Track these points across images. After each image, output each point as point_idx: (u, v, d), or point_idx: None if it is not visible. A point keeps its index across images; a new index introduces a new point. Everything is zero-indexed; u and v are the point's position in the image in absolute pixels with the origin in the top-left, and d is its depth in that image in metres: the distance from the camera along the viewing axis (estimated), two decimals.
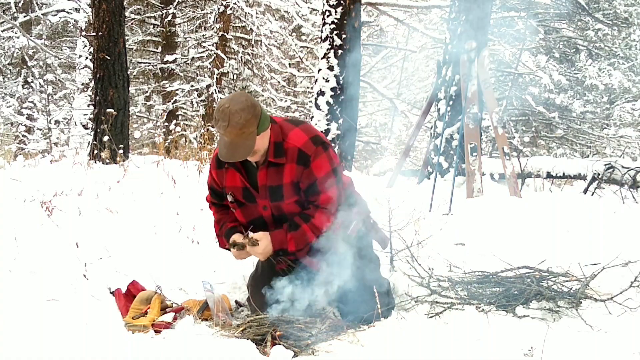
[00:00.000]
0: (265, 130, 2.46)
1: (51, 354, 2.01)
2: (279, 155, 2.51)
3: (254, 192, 2.60)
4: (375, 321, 2.56)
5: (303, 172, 2.51)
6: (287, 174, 2.53)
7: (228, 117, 2.36)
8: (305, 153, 2.50)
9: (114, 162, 5.65)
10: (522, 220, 4.12)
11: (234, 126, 2.36)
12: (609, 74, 14.11)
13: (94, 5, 6.08)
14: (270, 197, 2.57)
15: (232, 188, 2.64)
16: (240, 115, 2.36)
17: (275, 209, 2.60)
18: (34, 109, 13.58)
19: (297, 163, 2.51)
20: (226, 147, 2.41)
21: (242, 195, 2.63)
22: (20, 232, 3.24)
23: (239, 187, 2.63)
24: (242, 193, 2.63)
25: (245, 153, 2.41)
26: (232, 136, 2.38)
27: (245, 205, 2.65)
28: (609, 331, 2.31)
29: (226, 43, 14.24)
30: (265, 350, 2.23)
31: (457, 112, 6.09)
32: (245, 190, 2.62)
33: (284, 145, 2.51)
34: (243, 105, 2.38)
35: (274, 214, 2.61)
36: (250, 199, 2.63)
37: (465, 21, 6.29)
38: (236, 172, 2.61)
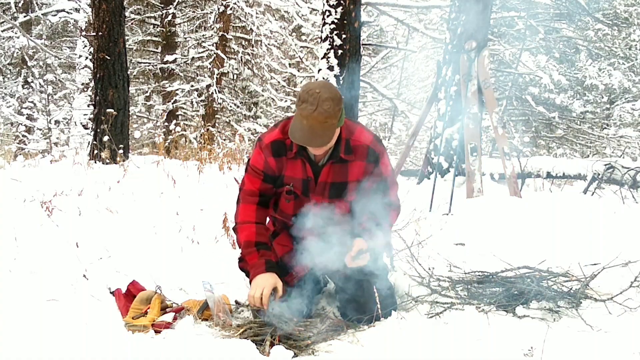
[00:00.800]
0: (340, 126, 2.45)
1: (51, 354, 2.01)
2: (348, 152, 2.51)
3: (312, 186, 2.57)
4: (375, 321, 2.56)
5: (373, 170, 2.54)
6: (354, 171, 2.53)
7: (317, 102, 2.31)
8: (375, 151, 2.53)
9: (114, 162, 5.65)
10: (522, 220, 4.12)
11: (321, 113, 2.31)
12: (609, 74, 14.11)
13: (94, 5, 6.08)
14: (329, 193, 2.56)
15: (292, 178, 2.59)
16: (329, 104, 2.32)
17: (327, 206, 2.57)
18: (34, 109, 13.58)
19: (367, 161, 2.53)
20: (304, 132, 2.34)
21: (301, 187, 2.59)
22: (20, 232, 3.24)
23: (299, 178, 2.57)
24: (301, 185, 2.58)
25: (324, 142, 2.37)
26: (315, 122, 2.33)
27: (300, 198, 2.61)
28: (609, 331, 2.32)
29: (226, 43, 14.25)
30: (265, 350, 2.23)
31: (457, 112, 6.09)
32: (305, 183, 2.57)
33: (351, 142, 2.52)
34: (334, 95, 2.35)
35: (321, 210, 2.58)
36: (306, 192, 2.59)
37: (465, 21, 6.29)
38: (300, 163, 2.55)
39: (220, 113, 14.90)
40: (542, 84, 12.60)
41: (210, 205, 4.29)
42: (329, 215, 2.57)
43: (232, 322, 2.55)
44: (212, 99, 13.80)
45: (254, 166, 2.62)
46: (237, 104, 14.93)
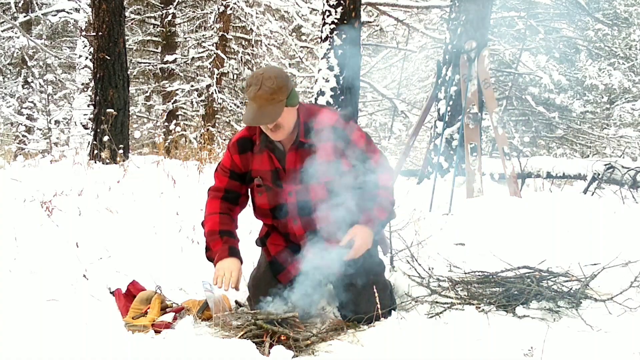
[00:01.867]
0: (293, 106, 2.48)
1: (51, 354, 2.01)
2: (308, 135, 2.53)
3: (282, 175, 2.57)
4: (375, 321, 2.56)
5: (346, 147, 2.53)
6: (321, 153, 2.53)
7: (261, 81, 2.40)
8: (340, 129, 2.54)
9: (114, 162, 5.65)
10: (522, 220, 4.12)
11: (265, 90, 2.38)
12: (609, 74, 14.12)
13: (94, 5, 6.08)
14: (300, 179, 2.54)
15: (260, 172, 2.61)
16: (272, 81, 2.40)
17: (302, 194, 2.56)
18: (34, 109, 13.58)
19: (334, 140, 2.53)
20: (253, 112, 2.41)
21: (271, 179, 2.60)
22: (20, 232, 3.24)
23: (268, 170, 2.59)
24: (271, 177, 2.60)
25: (272, 119, 2.41)
26: (262, 101, 2.39)
27: (272, 190, 2.61)
28: (609, 331, 2.31)
29: (226, 43, 14.25)
30: (265, 350, 2.23)
31: (457, 112, 6.09)
32: (275, 174, 2.59)
33: (314, 125, 2.54)
34: (277, 74, 2.43)
35: (299, 200, 2.57)
36: (278, 183, 2.59)
37: (465, 21, 6.29)
38: (266, 155, 2.58)
39: (220, 113, 14.90)
40: (542, 84, 12.60)
41: None
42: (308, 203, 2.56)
43: (232, 322, 2.55)
44: (212, 99, 13.80)
45: (222, 165, 2.70)
46: (237, 104, 14.93)
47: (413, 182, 6.74)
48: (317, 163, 2.52)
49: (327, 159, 2.53)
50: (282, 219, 2.65)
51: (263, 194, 2.64)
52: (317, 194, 2.55)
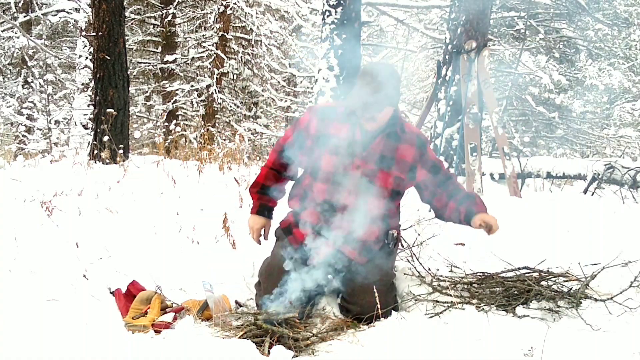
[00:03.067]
0: (394, 106, 2.66)
1: (51, 354, 2.01)
2: (402, 132, 2.72)
3: (359, 148, 2.67)
4: (375, 321, 2.56)
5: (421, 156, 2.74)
6: (401, 151, 2.70)
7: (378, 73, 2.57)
8: (422, 141, 2.78)
9: (114, 162, 5.65)
10: (522, 220, 4.12)
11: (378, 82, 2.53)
12: (609, 74, 14.12)
13: (94, 5, 6.08)
14: (377, 162, 2.67)
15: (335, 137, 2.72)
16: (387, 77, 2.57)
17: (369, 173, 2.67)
18: (34, 109, 13.58)
19: (416, 147, 2.73)
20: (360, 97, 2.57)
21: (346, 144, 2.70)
22: (20, 232, 3.24)
23: (345, 136, 2.70)
24: (345, 142, 2.70)
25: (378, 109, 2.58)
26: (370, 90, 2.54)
27: (340, 155, 2.69)
28: (609, 331, 2.31)
29: (226, 43, 14.25)
30: (265, 350, 2.23)
31: (457, 112, 6.09)
32: (350, 144, 2.68)
33: (406, 126, 2.77)
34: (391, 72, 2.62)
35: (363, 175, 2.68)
36: (345, 152, 2.68)
37: (465, 21, 6.29)
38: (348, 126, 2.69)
39: (220, 113, 14.90)
40: (542, 84, 12.60)
41: (210, 205, 4.29)
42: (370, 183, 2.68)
43: (232, 322, 2.55)
44: (212, 99, 13.80)
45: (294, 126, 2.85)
46: (237, 104, 14.93)
47: None
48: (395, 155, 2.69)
49: (405, 158, 2.71)
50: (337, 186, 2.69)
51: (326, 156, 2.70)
52: (384, 178, 2.68)
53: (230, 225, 3.67)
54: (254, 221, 2.91)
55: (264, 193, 2.90)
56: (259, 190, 2.90)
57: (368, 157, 2.69)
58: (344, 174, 2.69)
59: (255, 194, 2.91)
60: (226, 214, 3.68)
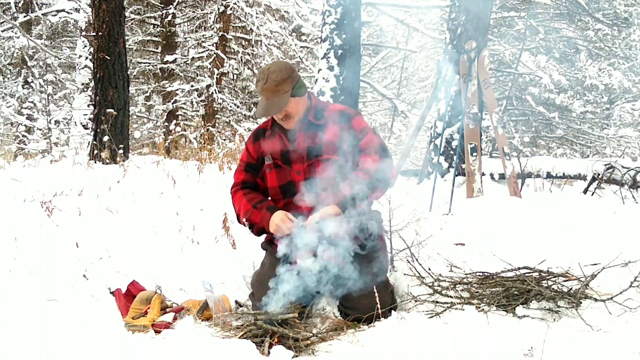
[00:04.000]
0: (301, 96, 2.69)
1: (51, 354, 2.01)
2: (319, 117, 2.74)
3: (292, 154, 2.74)
4: (375, 321, 2.56)
5: (344, 129, 2.69)
6: (327, 134, 2.70)
7: (267, 75, 2.63)
8: (346, 113, 2.76)
9: (114, 162, 5.65)
10: (522, 220, 4.12)
11: (270, 83, 2.61)
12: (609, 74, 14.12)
13: (94, 5, 6.08)
14: (307, 156, 2.71)
15: (271, 151, 2.80)
16: (277, 74, 2.62)
17: (308, 171, 2.70)
18: (34, 109, 13.57)
19: (338, 122, 2.71)
20: (262, 105, 2.65)
21: (281, 157, 2.78)
22: (20, 232, 3.24)
23: (278, 150, 2.78)
24: (280, 156, 2.78)
25: (278, 109, 2.63)
26: (268, 94, 2.62)
27: (282, 168, 2.78)
28: (609, 331, 2.31)
29: (226, 43, 14.24)
30: (265, 350, 2.23)
31: (457, 112, 6.09)
32: (284, 154, 2.77)
33: (325, 110, 2.77)
34: (282, 67, 2.66)
35: (307, 177, 2.71)
36: (287, 162, 2.76)
37: (465, 21, 6.29)
38: (277, 137, 2.78)
39: (220, 113, 14.90)
40: (542, 84, 12.60)
41: (210, 205, 4.29)
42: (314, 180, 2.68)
43: (232, 322, 2.55)
44: (212, 99, 13.79)
45: (240, 160, 2.97)
46: (237, 104, 14.92)
47: (413, 182, 6.74)
48: (321, 141, 2.70)
49: (330, 138, 2.68)
50: (292, 197, 2.75)
51: (272, 171, 2.81)
52: (324, 169, 2.68)
53: (230, 225, 3.67)
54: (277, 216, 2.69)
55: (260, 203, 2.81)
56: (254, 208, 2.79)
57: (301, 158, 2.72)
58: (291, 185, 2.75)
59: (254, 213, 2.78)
60: (226, 214, 3.68)
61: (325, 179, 2.66)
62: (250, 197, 2.86)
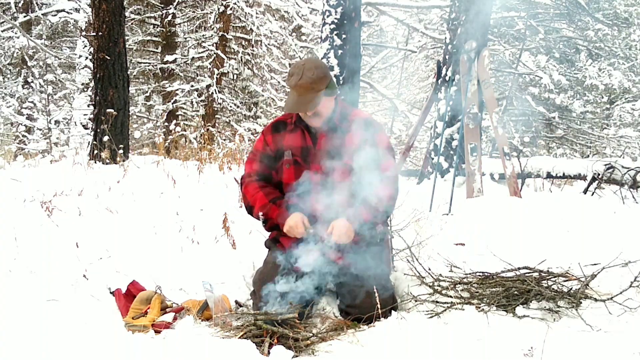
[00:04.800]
0: (331, 96, 2.66)
1: (51, 354, 2.01)
2: (344, 121, 2.71)
3: (312, 153, 2.71)
4: (375, 321, 2.56)
5: (367, 140, 2.65)
6: (349, 139, 2.67)
7: (302, 71, 2.58)
8: (372, 123, 2.72)
9: (114, 162, 5.64)
10: (522, 220, 4.12)
11: (305, 80, 2.56)
12: (609, 74, 14.11)
13: (94, 5, 6.08)
14: (327, 159, 2.68)
15: (291, 147, 2.75)
16: (313, 72, 2.58)
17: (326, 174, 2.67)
18: (34, 109, 13.57)
19: (362, 130, 2.68)
20: (293, 100, 2.60)
21: (301, 154, 2.74)
22: (20, 232, 3.24)
23: (299, 146, 2.74)
24: (301, 152, 2.74)
25: (311, 107, 2.59)
26: (302, 90, 2.58)
27: (300, 165, 2.74)
28: (609, 331, 2.31)
29: (226, 43, 14.24)
30: (265, 350, 2.23)
31: (457, 112, 6.08)
32: (305, 150, 2.73)
33: (350, 115, 2.74)
34: (317, 64, 2.62)
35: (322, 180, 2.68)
36: (306, 159, 2.73)
37: (465, 21, 6.29)
38: (299, 133, 2.74)
39: (220, 113, 14.89)
40: (542, 84, 12.60)
41: (210, 205, 4.29)
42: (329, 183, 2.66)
43: (232, 322, 2.55)
44: (212, 99, 13.79)
45: (254, 149, 2.86)
46: (237, 104, 14.92)
47: (413, 182, 6.74)
48: (343, 145, 2.67)
49: (352, 145, 2.66)
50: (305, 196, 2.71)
51: (291, 167, 2.76)
52: (340, 174, 2.66)
53: (230, 225, 3.67)
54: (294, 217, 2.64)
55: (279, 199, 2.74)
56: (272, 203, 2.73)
57: (321, 157, 2.70)
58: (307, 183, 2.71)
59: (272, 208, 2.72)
60: (226, 214, 3.68)
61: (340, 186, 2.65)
62: (267, 192, 2.78)
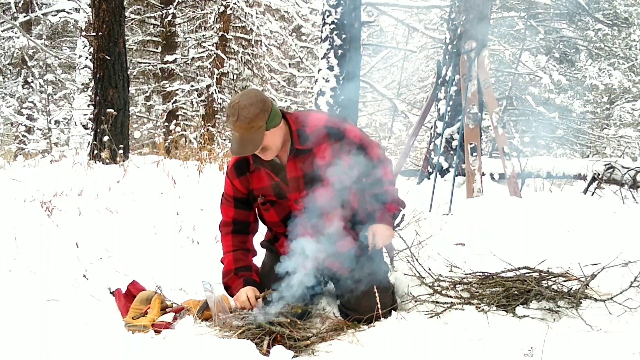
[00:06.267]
0: (276, 127, 2.48)
1: (51, 354, 2.01)
2: (304, 141, 2.53)
3: (284, 187, 2.59)
4: (375, 321, 2.56)
5: (341, 144, 2.54)
6: (321, 156, 2.54)
7: (237, 111, 2.40)
8: (332, 127, 2.55)
9: (114, 162, 5.65)
10: (522, 220, 4.12)
11: (242, 120, 2.40)
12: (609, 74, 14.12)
13: (94, 5, 6.08)
14: (305, 186, 2.56)
15: (261, 189, 2.64)
16: (248, 109, 2.40)
17: (309, 200, 2.57)
18: (34, 109, 13.57)
19: (330, 140, 2.54)
20: (236, 142, 2.44)
21: (274, 193, 2.62)
22: (20, 232, 3.24)
23: (268, 185, 2.62)
24: (272, 191, 2.63)
25: (254, 147, 2.43)
26: (242, 131, 2.42)
27: (277, 203, 2.64)
28: (609, 331, 2.31)
29: (226, 43, 14.24)
30: (265, 350, 2.23)
31: (457, 112, 6.08)
32: (276, 187, 2.61)
33: (306, 130, 2.53)
34: (252, 100, 2.42)
35: (307, 206, 2.57)
36: (281, 195, 2.62)
37: (465, 21, 6.29)
38: (263, 172, 2.62)
39: (220, 113, 14.89)
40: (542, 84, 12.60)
41: (210, 205, 4.29)
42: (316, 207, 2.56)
43: (232, 322, 2.55)
44: (212, 99, 13.80)
45: (226, 194, 2.74)
46: None
47: (413, 182, 6.74)
48: (317, 166, 2.53)
49: (326, 160, 2.53)
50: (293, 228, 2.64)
51: (270, 210, 2.68)
52: (324, 196, 2.55)
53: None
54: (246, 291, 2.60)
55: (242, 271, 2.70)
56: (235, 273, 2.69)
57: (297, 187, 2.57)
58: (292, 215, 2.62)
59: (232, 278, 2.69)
60: None
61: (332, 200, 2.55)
62: (237, 257, 2.72)
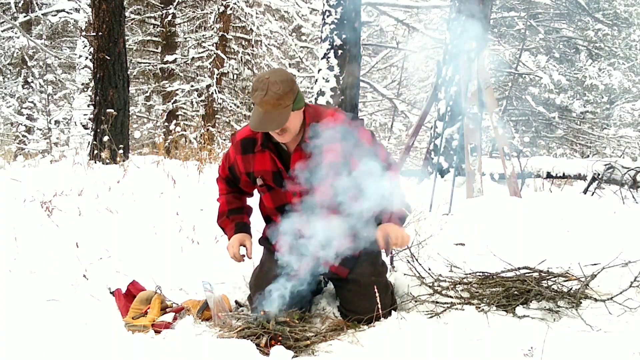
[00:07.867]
0: (299, 109, 2.45)
1: (51, 354, 2.01)
2: (315, 136, 2.47)
3: (286, 176, 2.55)
4: (375, 321, 2.56)
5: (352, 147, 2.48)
6: (330, 154, 2.47)
7: (267, 87, 2.36)
8: (346, 129, 2.49)
9: (114, 162, 5.65)
10: (522, 220, 4.12)
11: (271, 96, 2.35)
12: (609, 74, 14.12)
13: (94, 5, 6.08)
14: (305, 180, 2.50)
15: (262, 172, 2.60)
16: (279, 86, 2.36)
17: (307, 195, 2.51)
18: (34, 109, 13.57)
19: (340, 141, 2.47)
20: (259, 118, 2.39)
21: (273, 179, 2.59)
22: (20, 232, 3.24)
23: (270, 170, 2.58)
24: (272, 177, 2.58)
25: (278, 125, 2.38)
26: (268, 107, 2.37)
27: (275, 190, 2.61)
28: (609, 331, 2.31)
29: (226, 43, 14.24)
30: (265, 350, 2.23)
31: (457, 112, 6.08)
32: (276, 175, 2.57)
33: (320, 126, 2.48)
34: (283, 78, 2.39)
35: (305, 201, 2.52)
36: (280, 184, 2.58)
37: (465, 21, 6.29)
38: (268, 155, 2.57)
39: (220, 113, 14.90)
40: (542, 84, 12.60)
41: (210, 205, 4.28)
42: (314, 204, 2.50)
43: (232, 322, 2.55)
44: (212, 99, 13.80)
45: (227, 155, 2.78)
46: (237, 104, 14.92)
47: (413, 182, 6.73)
48: (323, 164, 2.47)
49: (333, 159, 2.46)
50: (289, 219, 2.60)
51: (266, 194, 2.67)
52: (324, 195, 2.49)
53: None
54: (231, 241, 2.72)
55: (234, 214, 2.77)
56: (227, 216, 2.78)
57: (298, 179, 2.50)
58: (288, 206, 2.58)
59: (225, 221, 2.78)
60: None
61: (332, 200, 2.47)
62: (229, 199, 2.80)
